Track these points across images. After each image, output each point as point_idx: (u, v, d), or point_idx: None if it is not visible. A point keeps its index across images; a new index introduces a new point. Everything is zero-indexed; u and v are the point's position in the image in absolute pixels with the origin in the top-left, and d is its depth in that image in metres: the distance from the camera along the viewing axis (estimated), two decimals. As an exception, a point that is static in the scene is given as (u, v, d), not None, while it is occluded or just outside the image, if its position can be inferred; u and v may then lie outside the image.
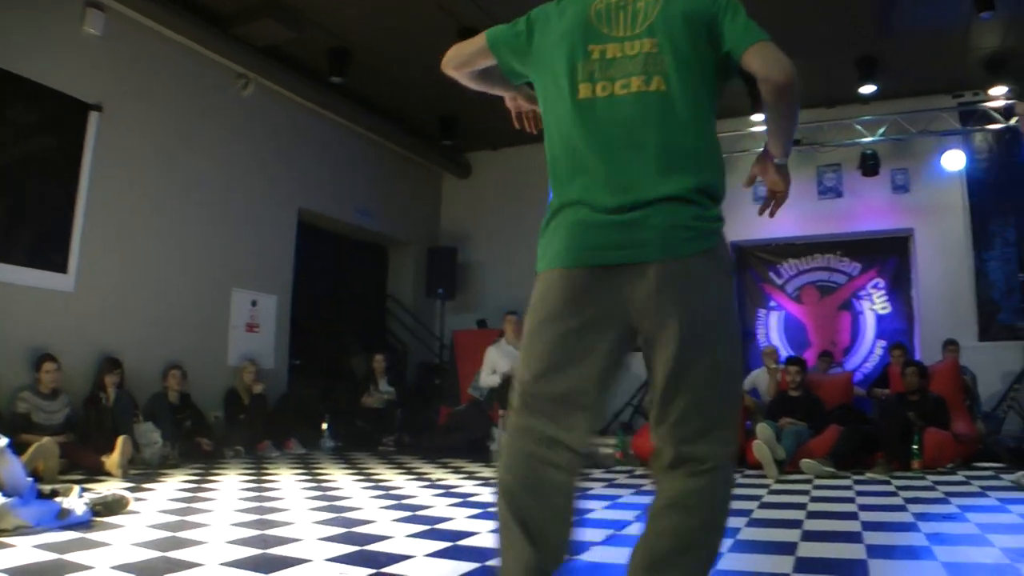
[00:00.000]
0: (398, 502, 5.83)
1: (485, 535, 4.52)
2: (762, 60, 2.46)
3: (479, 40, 2.86)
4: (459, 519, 5.11)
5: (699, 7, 2.51)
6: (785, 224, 12.69)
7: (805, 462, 7.89)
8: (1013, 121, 10.66)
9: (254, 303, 10.69)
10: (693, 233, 2.36)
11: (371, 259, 14.25)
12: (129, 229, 9.03)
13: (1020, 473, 6.72)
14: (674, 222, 2.35)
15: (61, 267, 8.37)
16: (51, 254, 8.29)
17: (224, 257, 10.34)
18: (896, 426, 8.25)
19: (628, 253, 2.37)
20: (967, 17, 9.73)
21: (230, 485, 6.56)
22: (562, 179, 2.56)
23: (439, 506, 5.68)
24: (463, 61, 3.01)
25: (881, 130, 11.73)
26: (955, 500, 5.89)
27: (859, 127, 11.86)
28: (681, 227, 2.35)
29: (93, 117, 8.67)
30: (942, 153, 11.70)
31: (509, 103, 3.29)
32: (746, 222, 12.98)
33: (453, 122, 13.16)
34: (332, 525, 4.79)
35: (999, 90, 11.09)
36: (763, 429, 8.11)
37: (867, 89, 11.31)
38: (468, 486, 6.91)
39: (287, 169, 11.46)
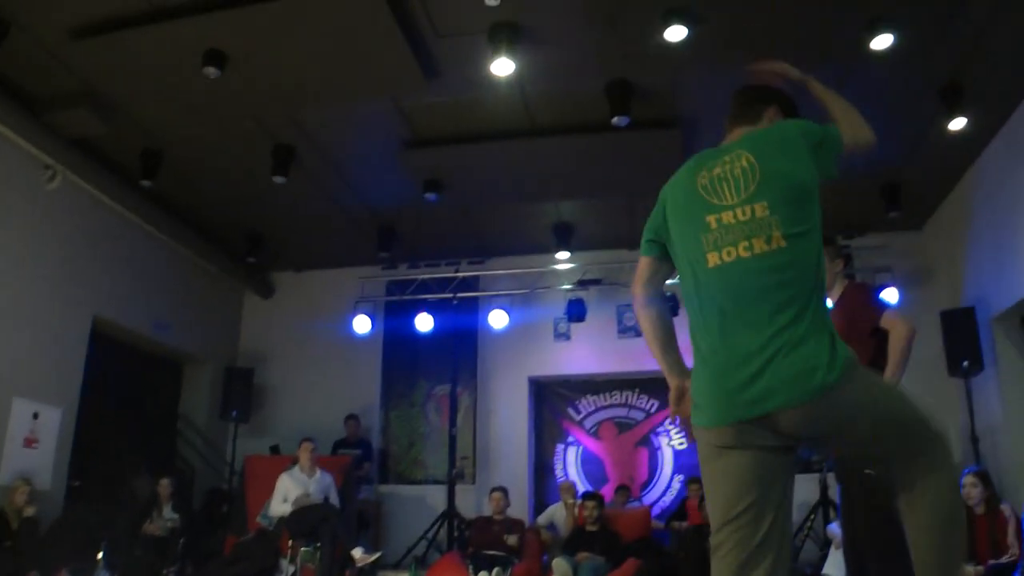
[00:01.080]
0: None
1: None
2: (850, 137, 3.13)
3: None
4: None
5: (792, 157, 2.97)
6: (584, 361, 12.96)
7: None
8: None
9: (36, 415, 9.98)
10: None
11: (165, 376, 13.65)
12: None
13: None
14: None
15: None
16: None
17: (7, 362, 9.58)
18: (695, 558, 8.36)
19: None
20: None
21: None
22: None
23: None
24: (639, 276, 3.24)
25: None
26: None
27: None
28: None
29: None
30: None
31: (675, 393, 3.29)
32: (545, 358, 13.26)
33: (259, 239, 12.98)
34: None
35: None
36: (560, 564, 8.09)
37: (667, 234, 11.71)
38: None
39: (86, 272, 10.83)
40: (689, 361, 3.07)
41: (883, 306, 5.26)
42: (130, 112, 9.47)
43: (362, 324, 13.07)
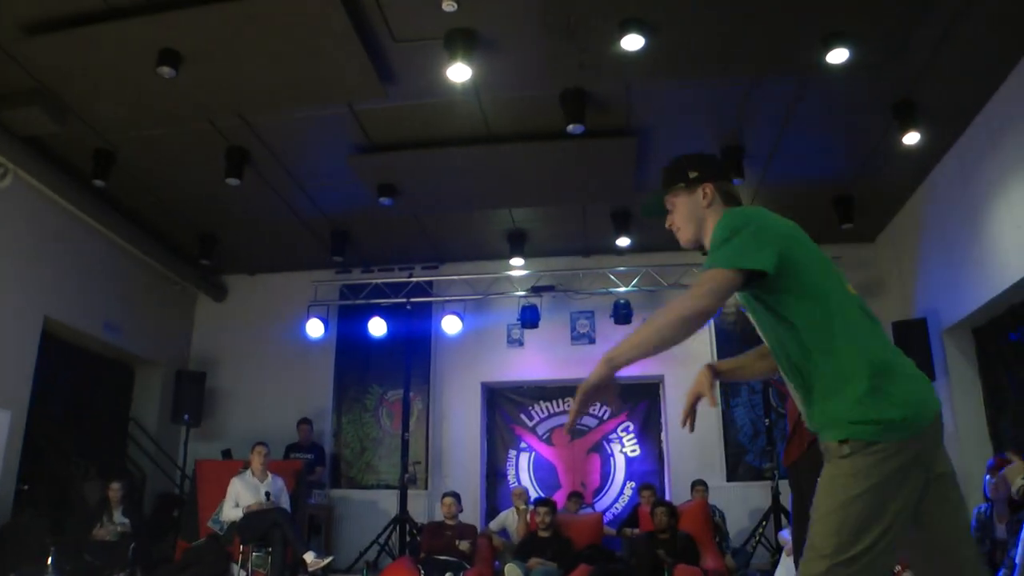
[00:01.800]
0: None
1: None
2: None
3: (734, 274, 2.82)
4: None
5: None
6: (537, 367, 13.01)
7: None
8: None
9: (-16, 418, 9.90)
10: None
11: (116, 378, 13.50)
12: None
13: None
14: None
15: None
16: None
17: (-46, 366, 9.52)
18: (646, 564, 8.41)
19: None
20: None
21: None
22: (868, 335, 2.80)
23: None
24: (730, 289, 2.88)
25: (635, 281, 12.29)
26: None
27: (613, 277, 12.36)
28: None
29: None
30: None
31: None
32: (498, 364, 13.30)
33: (212, 242, 12.92)
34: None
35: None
36: (512, 569, 8.12)
37: (622, 241, 11.85)
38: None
39: (36, 272, 10.69)
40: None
41: None
42: (83, 111, 9.37)
43: (315, 328, 13.06)
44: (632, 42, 7.58)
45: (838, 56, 7.72)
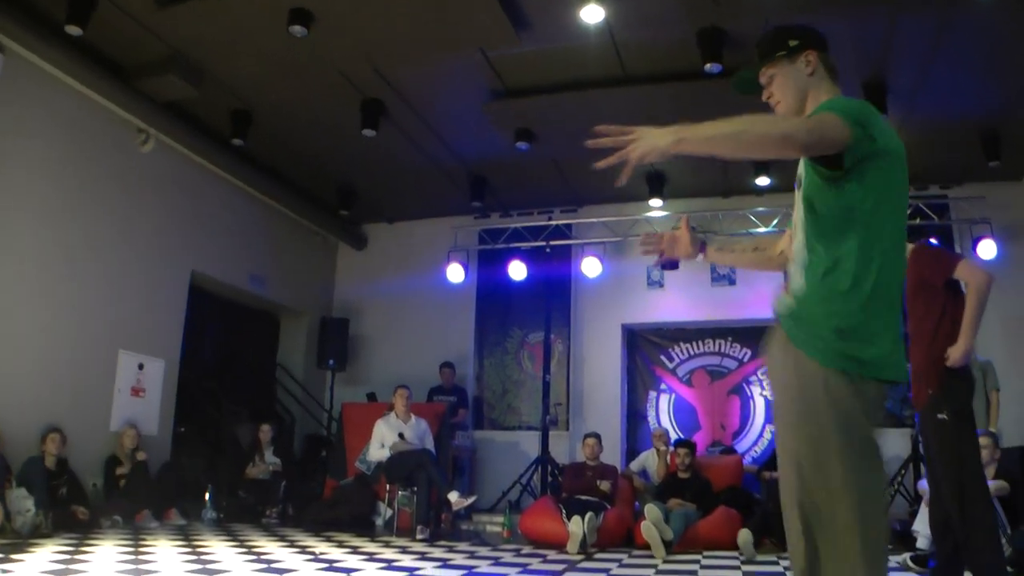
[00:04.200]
0: (280, 577, 5.67)
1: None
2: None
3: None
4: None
5: None
6: (677, 309, 12.90)
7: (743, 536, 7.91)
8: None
9: (141, 366, 10.35)
10: None
11: (262, 327, 14.01)
12: (8, 281, 8.68)
13: (907, 555, 6.84)
14: None
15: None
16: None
17: (112, 317, 9.98)
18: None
19: None
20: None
21: (105, 557, 6.30)
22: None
23: (322, 582, 5.54)
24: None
25: (775, 221, 12.01)
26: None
27: (753, 218, 12.11)
28: None
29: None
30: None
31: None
32: (638, 306, 13.22)
33: (351, 192, 13.15)
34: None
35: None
36: (651, 510, 8.12)
37: (762, 181, 11.61)
38: (351, 561, 6.77)
39: (182, 230, 11.19)
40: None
41: (957, 257, 5.19)
42: (219, 74, 9.68)
43: (455, 273, 13.20)
44: (769, -25, 7.38)
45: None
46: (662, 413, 13.12)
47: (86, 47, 8.99)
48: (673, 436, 11.66)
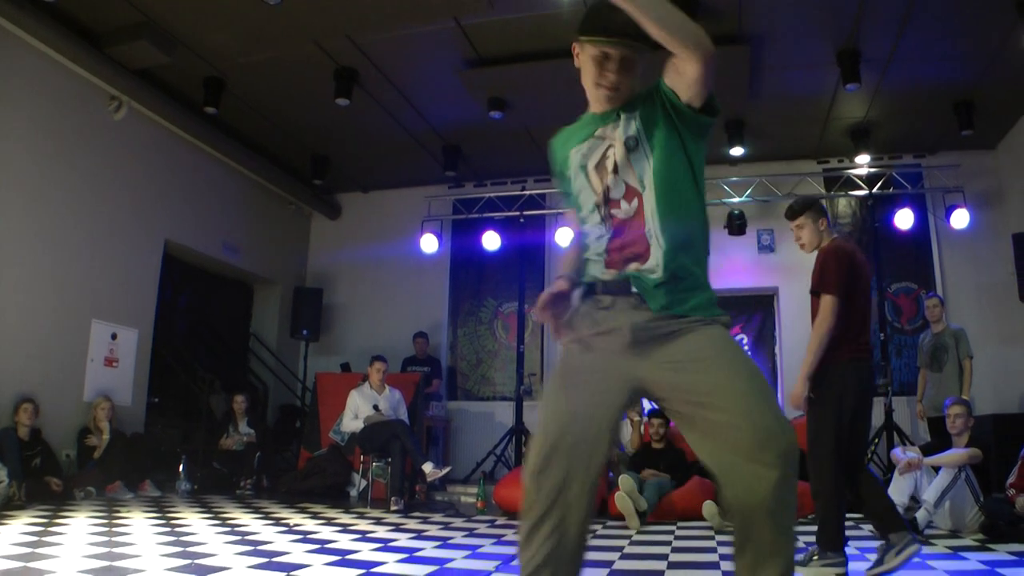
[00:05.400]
0: (253, 548, 5.67)
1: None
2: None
3: None
4: (316, 566, 4.98)
5: None
6: (652, 279, 12.85)
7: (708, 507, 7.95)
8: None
9: (114, 336, 10.29)
10: None
11: (236, 297, 13.97)
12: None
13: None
14: None
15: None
16: None
17: (85, 287, 9.90)
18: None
19: None
20: (834, 87, 10.11)
21: (79, 528, 6.28)
22: None
23: (295, 552, 5.54)
24: None
25: (748, 191, 12.06)
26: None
27: (727, 188, 12.14)
28: None
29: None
30: (807, 215, 11.99)
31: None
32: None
33: (325, 161, 13.08)
34: (184, 573, 4.61)
35: (863, 158, 11.54)
36: (625, 480, 8.13)
37: (736, 151, 11.62)
38: (325, 532, 6.77)
39: (155, 199, 11.11)
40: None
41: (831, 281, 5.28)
42: (191, 42, 9.58)
43: (429, 243, 13.17)
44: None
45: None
46: (636, 382, 13.12)
47: (58, 12, 8.87)
48: (647, 406, 11.69)
